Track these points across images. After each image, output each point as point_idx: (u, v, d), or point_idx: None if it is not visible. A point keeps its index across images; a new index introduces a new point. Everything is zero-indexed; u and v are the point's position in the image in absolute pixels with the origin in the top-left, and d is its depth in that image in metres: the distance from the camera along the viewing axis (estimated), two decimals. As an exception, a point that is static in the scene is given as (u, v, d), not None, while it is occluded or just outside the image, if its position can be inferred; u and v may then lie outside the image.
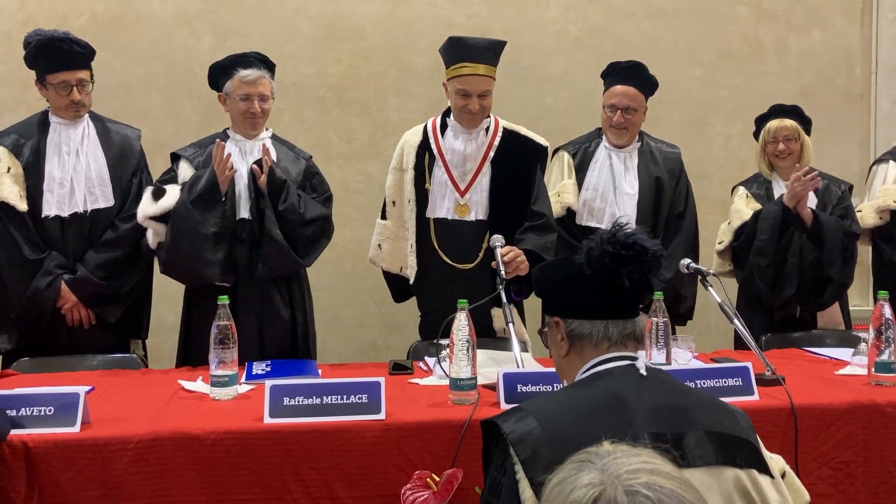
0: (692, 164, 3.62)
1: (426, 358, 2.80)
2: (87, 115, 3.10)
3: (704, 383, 2.26)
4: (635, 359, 1.54)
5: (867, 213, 3.47)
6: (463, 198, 3.09)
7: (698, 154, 4.28)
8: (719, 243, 3.47)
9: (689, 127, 4.46)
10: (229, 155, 2.92)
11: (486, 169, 3.10)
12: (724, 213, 3.62)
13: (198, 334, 2.92)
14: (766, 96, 4.00)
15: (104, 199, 3.06)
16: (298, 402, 2.06)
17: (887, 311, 2.41)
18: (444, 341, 2.41)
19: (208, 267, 2.88)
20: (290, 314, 3.12)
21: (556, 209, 3.30)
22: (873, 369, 2.43)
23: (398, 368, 2.67)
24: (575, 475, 0.92)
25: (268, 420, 2.03)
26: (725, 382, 2.26)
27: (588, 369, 1.53)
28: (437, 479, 1.92)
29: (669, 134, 4.42)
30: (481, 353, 2.43)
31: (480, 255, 3.08)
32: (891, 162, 3.51)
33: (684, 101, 4.49)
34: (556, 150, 3.47)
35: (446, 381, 2.29)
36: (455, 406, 2.18)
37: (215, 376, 2.28)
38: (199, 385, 2.41)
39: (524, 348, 2.92)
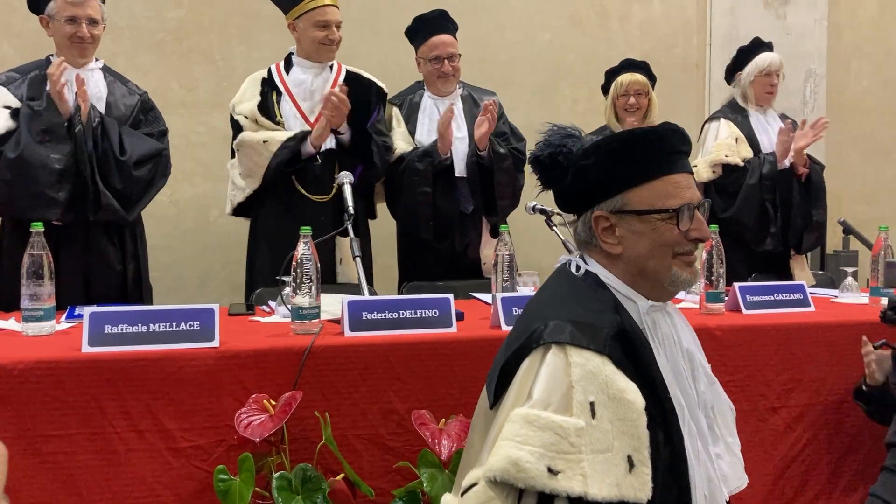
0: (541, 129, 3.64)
1: (269, 302, 2.67)
2: None
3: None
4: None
5: (701, 168, 3.63)
6: (314, 130, 3.05)
7: (547, 118, 4.34)
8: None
9: (539, 91, 4.53)
10: (64, 68, 2.67)
11: None
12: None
13: (11, 272, 2.64)
14: (611, 62, 4.11)
15: None
16: (122, 329, 1.89)
17: (718, 242, 2.52)
18: (286, 278, 2.30)
19: (50, 207, 2.66)
20: (122, 263, 2.91)
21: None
22: (705, 300, 2.53)
23: (238, 310, 2.53)
24: None
25: (86, 349, 1.85)
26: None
27: None
28: (274, 403, 1.82)
29: (521, 96, 4.43)
30: (327, 297, 2.33)
31: (335, 187, 3.06)
32: (722, 119, 3.69)
33: (535, 65, 4.56)
34: None
35: (289, 319, 2.18)
36: (297, 336, 2.08)
37: (27, 310, 2.05)
38: (10, 324, 2.18)
39: (373, 293, 2.87)
